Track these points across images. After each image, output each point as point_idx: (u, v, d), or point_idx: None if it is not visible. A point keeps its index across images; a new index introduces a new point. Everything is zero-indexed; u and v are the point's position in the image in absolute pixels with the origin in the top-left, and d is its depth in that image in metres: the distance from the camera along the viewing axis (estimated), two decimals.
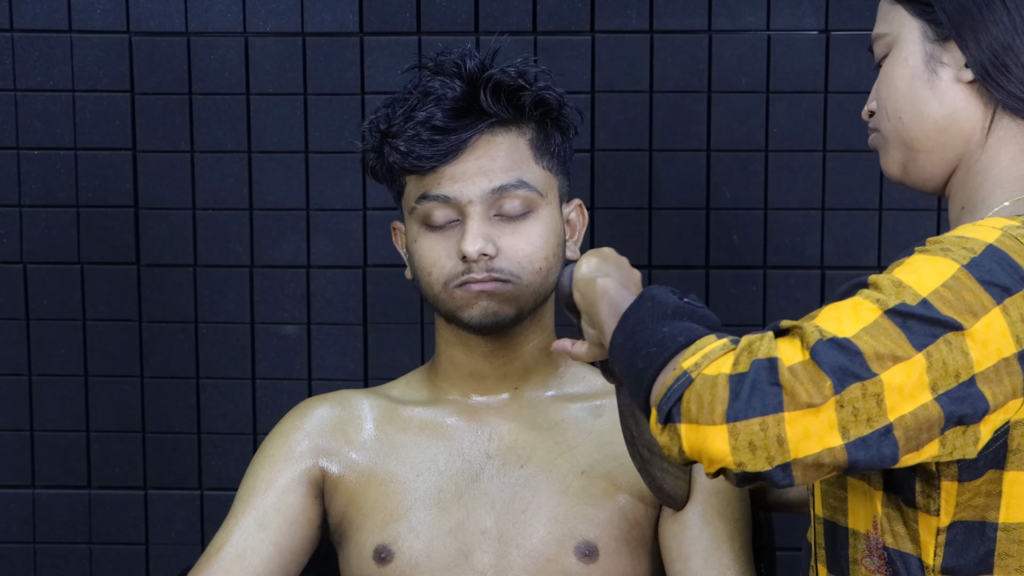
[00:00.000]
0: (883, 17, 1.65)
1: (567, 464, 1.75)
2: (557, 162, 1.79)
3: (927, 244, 1.50)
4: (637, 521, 1.74)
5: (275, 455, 1.79)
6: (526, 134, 1.75)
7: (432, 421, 1.79)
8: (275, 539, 1.75)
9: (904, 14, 1.62)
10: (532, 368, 1.80)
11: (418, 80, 1.76)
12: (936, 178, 1.65)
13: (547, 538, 1.71)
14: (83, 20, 2.96)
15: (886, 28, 1.64)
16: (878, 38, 1.65)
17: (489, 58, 1.76)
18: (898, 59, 1.61)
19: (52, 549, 3.11)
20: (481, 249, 1.69)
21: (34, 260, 3.02)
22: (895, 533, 1.55)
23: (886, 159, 1.68)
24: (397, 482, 1.75)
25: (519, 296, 1.72)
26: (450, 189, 1.69)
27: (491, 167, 1.70)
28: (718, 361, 1.40)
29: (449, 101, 1.70)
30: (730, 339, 1.46)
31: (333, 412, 1.82)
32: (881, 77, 1.64)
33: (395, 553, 1.72)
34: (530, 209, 1.72)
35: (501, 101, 1.72)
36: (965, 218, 1.62)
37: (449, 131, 1.69)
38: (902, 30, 1.61)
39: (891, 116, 1.63)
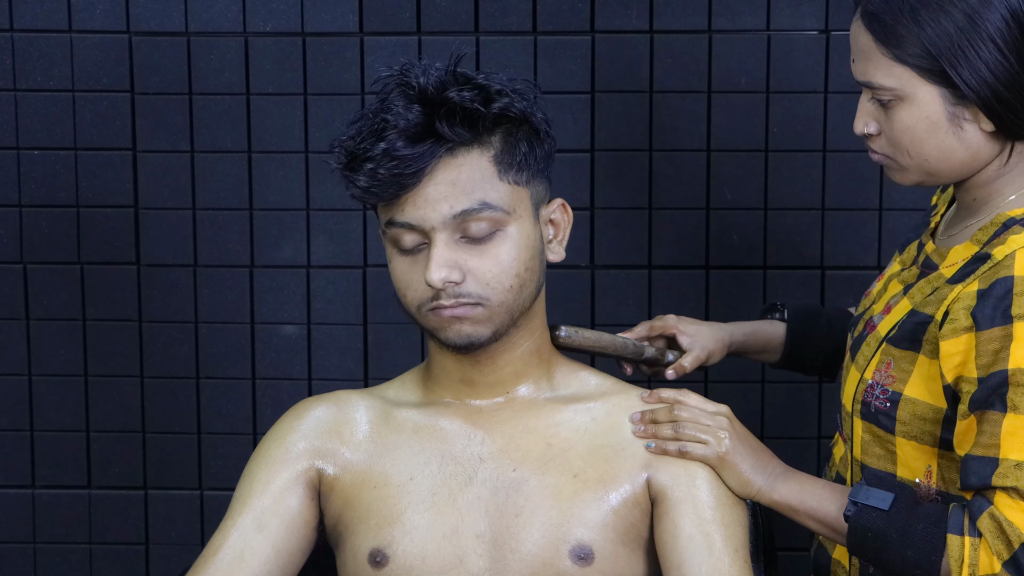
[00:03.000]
0: (884, 70, 1.79)
1: (559, 467, 1.74)
2: (527, 172, 1.73)
3: (1017, 300, 1.71)
4: (633, 523, 1.74)
5: (272, 456, 1.79)
6: (489, 151, 1.70)
7: (426, 424, 1.79)
8: (273, 540, 1.74)
9: (915, 77, 1.78)
10: (524, 372, 1.79)
11: (379, 103, 1.71)
12: (947, 183, 1.89)
13: (541, 542, 1.71)
14: (83, 20, 2.96)
15: (893, 83, 1.79)
16: (882, 89, 1.80)
17: (450, 73, 1.70)
18: (918, 116, 1.79)
19: (52, 549, 3.11)
20: (445, 278, 1.67)
21: (34, 260, 3.02)
22: (948, 480, 1.84)
23: (901, 177, 1.88)
24: (391, 485, 1.75)
25: (492, 316, 1.71)
26: (413, 216, 1.67)
27: (451, 192, 1.66)
28: (982, 562, 1.69)
29: (405, 129, 1.66)
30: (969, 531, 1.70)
31: (329, 413, 1.81)
32: (896, 124, 1.81)
33: (390, 557, 1.72)
34: (497, 228, 1.69)
35: (457, 126, 1.67)
36: (977, 207, 1.86)
37: (407, 160, 1.64)
38: (917, 91, 1.78)
39: (914, 156, 1.83)
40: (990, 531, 1.70)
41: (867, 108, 1.86)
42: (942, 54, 1.76)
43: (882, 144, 1.86)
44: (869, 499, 1.77)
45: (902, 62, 1.78)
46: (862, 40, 1.83)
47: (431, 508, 1.74)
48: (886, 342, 1.87)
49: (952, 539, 1.71)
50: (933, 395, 1.82)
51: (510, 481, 1.75)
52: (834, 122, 2.94)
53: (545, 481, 1.74)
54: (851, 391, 1.93)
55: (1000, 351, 1.71)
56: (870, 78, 1.82)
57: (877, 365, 1.88)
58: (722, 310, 3.00)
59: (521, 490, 1.74)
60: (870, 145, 1.88)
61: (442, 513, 1.73)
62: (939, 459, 1.85)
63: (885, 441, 1.89)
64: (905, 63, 1.78)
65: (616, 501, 1.74)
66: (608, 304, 2.98)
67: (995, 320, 1.72)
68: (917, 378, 1.83)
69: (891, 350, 1.86)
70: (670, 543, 1.72)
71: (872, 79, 1.81)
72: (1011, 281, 1.72)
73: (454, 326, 1.71)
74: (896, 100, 1.80)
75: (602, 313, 2.98)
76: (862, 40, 1.83)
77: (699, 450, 1.78)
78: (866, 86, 1.84)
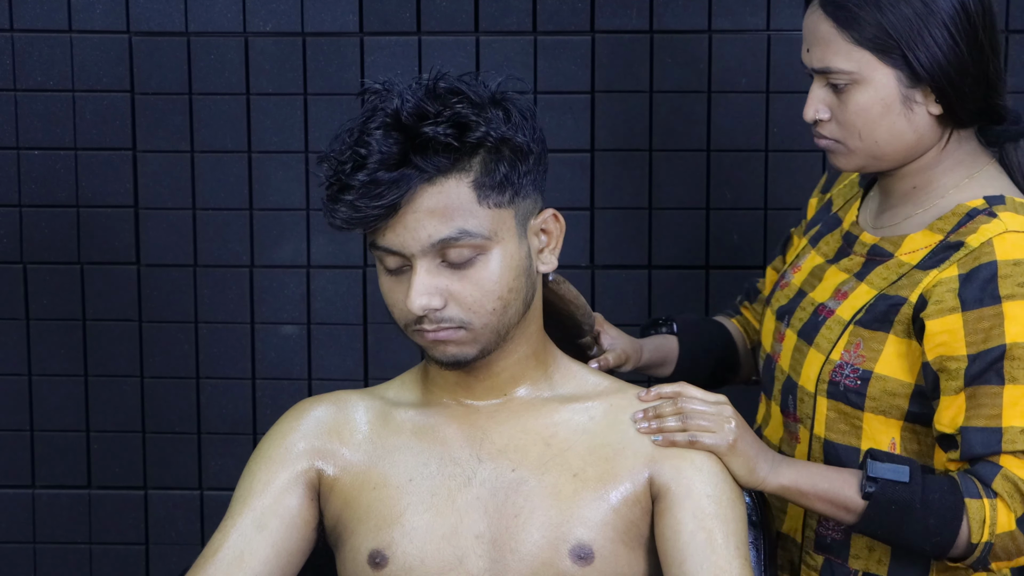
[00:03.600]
0: (844, 55, 1.92)
1: (559, 467, 1.74)
2: (510, 191, 1.70)
3: (1006, 279, 1.85)
4: (633, 522, 1.74)
5: (272, 456, 1.78)
6: (468, 175, 1.67)
7: (424, 425, 1.79)
8: (273, 541, 1.74)
9: (874, 60, 1.92)
10: (521, 375, 1.79)
11: (359, 125, 1.69)
12: (889, 169, 2.01)
13: (541, 542, 1.71)
14: (83, 20, 2.96)
15: (852, 67, 1.92)
16: (840, 72, 1.93)
17: (429, 93, 1.67)
18: (874, 97, 1.93)
19: (52, 549, 3.11)
20: (425, 306, 1.66)
21: (34, 260, 3.02)
22: (909, 451, 1.97)
23: (845, 162, 2.01)
24: (391, 486, 1.75)
25: (476, 338, 1.70)
26: (393, 242, 1.66)
27: (430, 220, 1.65)
28: (1000, 520, 1.82)
29: (382, 160, 1.64)
30: (985, 493, 1.83)
31: (329, 413, 1.81)
32: (851, 106, 1.94)
33: (389, 558, 1.72)
34: (479, 253, 1.68)
35: (434, 156, 1.65)
36: (916, 195, 2.02)
37: (384, 191, 1.63)
38: (874, 74, 1.92)
39: (865, 139, 1.96)
40: (1007, 491, 1.83)
41: (819, 95, 1.98)
42: (901, 37, 1.91)
43: (832, 129, 1.99)
44: (887, 474, 1.84)
45: (862, 45, 1.92)
46: (822, 28, 1.95)
47: (430, 509, 1.74)
48: (854, 324, 1.98)
49: (971, 503, 1.83)
50: (903, 371, 1.94)
51: (509, 481, 1.75)
52: None
53: (544, 481, 1.74)
54: (813, 373, 2.02)
55: (992, 329, 1.85)
56: (828, 63, 1.94)
57: (845, 346, 1.98)
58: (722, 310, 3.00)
59: (520, 490, 1.74)
60: (819, 131, 2.01)
61: (441, 514, 1.73)
62: (902, 431, 1.98)
63: (852, 417, 2.00)
64: (865, 46, 1.92)
65: (616, 500, 1.74)
66: (608, 304, 2.98)
67: (983, 301, 1.85)
68: (887, 356, 1.95)
69: (860, 331, 1.97)
70: (671, 540, 1.72)
71: (831, 64, 1.94)
72: (995, 266, 1.86)
73: (439, 347, 1.72)
74: (853, 84, 1.94)
75: (602, 313, 2.97)
76: (822, 28, 1.95)
77: (708, 439, 1.79)
78: (823, 72, 1.96)
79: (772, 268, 2.31)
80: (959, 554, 1.87)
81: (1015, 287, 1.85)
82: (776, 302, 2.16)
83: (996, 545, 1.85)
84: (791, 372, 2.07)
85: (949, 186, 2.00)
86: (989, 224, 1.91)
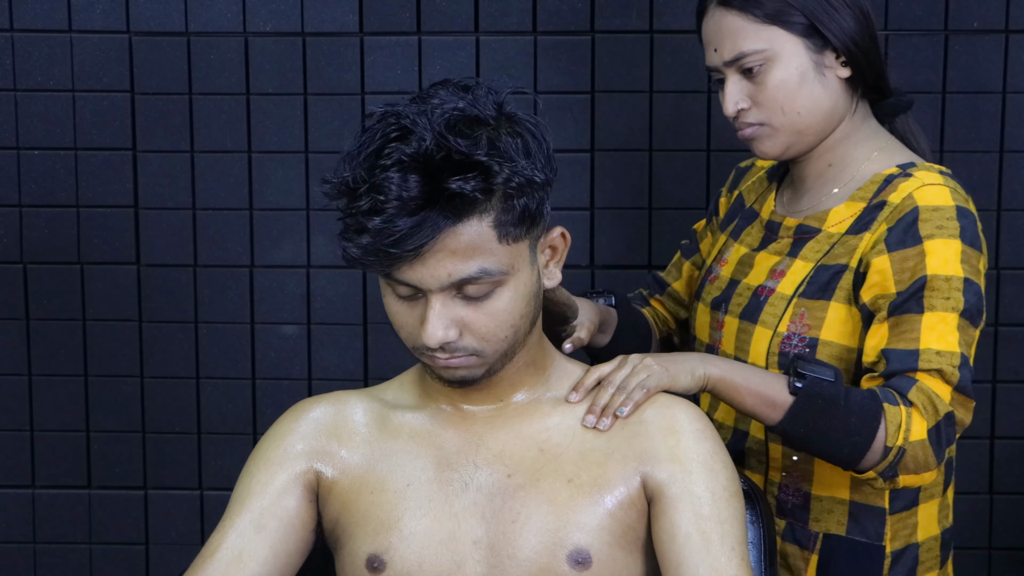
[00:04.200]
0: (753, 36, 2.04)
1: (553, 473, 1.74)
2: (527, 222, 1.68)
3: (925, 223, 1.99)
4: (630, 525, 1.73)
5: (270, 457, 1.78)
6: (489, 215, 1.64)
7: (421, 429, 1.78)
8: (271, 542, 1.74)
9: (783, 33, 2.04)
10: (519, 381, 1.78)
11: (372, 157, 1.61)
12: (807, 150, 2.12)
13: (539, 547, 1.70)
14: (83, 20, 2.96)
15: (763, 45, 2.04)
16: (753, 53, 2.04)
17: (449, 130, 1.61)
18: (788, 69, 2.05)
19: (52, 549, 3.12)
20: (441, 340, 1.65)
21: (34, 260, 3.02)
22: None
23: (771, 144, 2.10)
24: (389, 491, 1.74)
25: (486, 362, 1.70)
26: (411, 277, 1.63)
27: (450, 260, 1.62)
28: (914, 428, 1.94)
29: (401, 206, 1.59)
30: (902, 402, 1.95)
31: (328, 415, 1.81)
32: (770, 83, 2.04)
33: (387, 563, 1.71)
34: (496, 287, 1.67)
35: (456, 205, 1.61)
36: (831, 173, 2.14)
37: (406, 237, 1.59)
38: (784, 46, 2.04)
39: (788, 112, 2.06)
40: (921, 402, 1.95)
41: (735, 88, 2.08)
42: (806, 6, 2.04)
43: (754, 114, 2.09)
44: (815, 372, 1.96)
45: (768, 22, 2.04)
46: (726, 21, 2.06)
47: (428, 514, 1.73)
48: (798, 297, 2.08)
49: (889, 408, 1.94)
50: (846, 336, 2.06)
51: (505, 487, 1.74)
52: None
53: (540, 487, 1.74)
54: (763, 348, 2.10)
55: (915, 266, 1.99)
56: (740, 49, 2.05)
57: (791, 318, 2.08)
58: None
59: (517, 496, 1.73)
60: (742, 121, 2.10)
61: (439, 519, 1.73)
62: None
63: None
64: (771, 22, 2.04)
65: (611, 504, 1.73)
66: None
67: (906, 243, 2.00)
68: (831, 322, 2.06)
69: (804, 302, 2.07)
70: (667, 542, 1.71)
71: (743, 48, 2.05)
72: (916, 211, 2.01)
73: (448, 370, 1.71)
74: (766, 62, 2.05)
75: None
76: (726, 21, 2.06)
77: (651, 382, 1.82)
78: (735, 61, 2.06)
79: (691, 264, 2.40)
80: (873, 460, 1.95)
81: (934, 228, 1.99)
82: (708, 295, 2.24)
83: (907, 453, 1.94)
84: (738, 353, 2.14)
85: (861, 159, 2.13)
86: (907, 182, 2.05)
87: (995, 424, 3.02)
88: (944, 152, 2.92)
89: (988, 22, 2.90)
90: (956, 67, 2.91)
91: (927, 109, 2.92)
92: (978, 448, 3.03)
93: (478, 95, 1.68)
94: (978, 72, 2.91)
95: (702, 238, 2.41)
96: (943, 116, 2.92)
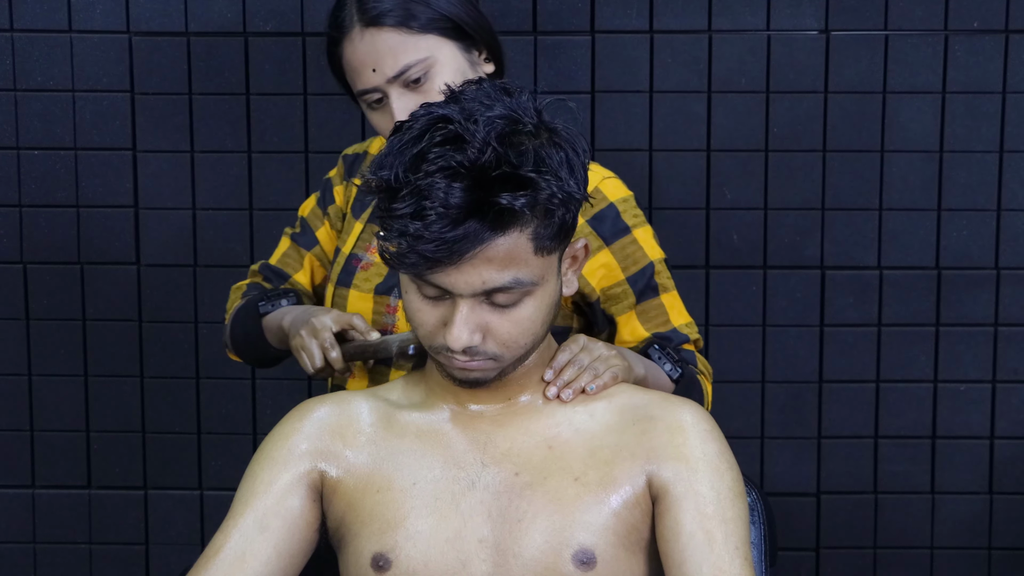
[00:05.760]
0: (412, 47, 2.07)
1: (560, 472, 1.74)
2: (561, 235, 1.68)
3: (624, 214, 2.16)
4: (634, 525, 1.73)
5: (274, 457, 1.78)
6: (528, 227, 1.63)
7: (428, 428, 1.78)
8: (274, 541, 1.74)
9: (438, 39, 2.09)
10: (527, 381, 1.79)
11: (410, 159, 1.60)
12: None
13: (544, 547, 1.70)
14: (83, 20, 2.96)
15: (423, 54, 2.08)
16: (417, 63, 2.07)
17: (500, 142, 1.60)
18: (448, 71, 2.09)
19: (52, 549, 3.11)
20: (466, 344, 1.65)
21: (34, 260, 3.02)
22: None
23: None
24: (394, 489, 1.74)
25: (501, 365, 1.71)
26: (444, 281, 1.63)
27: (486, 268, 1.61)
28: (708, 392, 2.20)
29: (446, 213, 1.58)
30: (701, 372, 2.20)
31: (332, 414, 1.80)
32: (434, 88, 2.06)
33: (393, 562, 1.71)
34: (523, 296, 1.68)
35: (502, 217, 1.61)
36: None
37: (450, 247, 1.58)
38: (442, 50, 2.09)
39: None
40: (706, 368, 2.20)
41: (398, 105, 2.08)
42: (452, 11, 2.10)
43: None
44: (682, 356, 2.16)
45: (425, 31, 2.08)
46: (382, 39, 2.08)
47: (434, 513, 1.73)
48: None
49: (702, 378, 2.17)
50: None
51: (512, 486, 1.74)
52: (834, 122, 2.94)
53: (547, 486, 1.74)
54: None
55: (635, 252, 2.15)
56: (403, 62, 2.07)
57: None
58: (722, 310, 3.00)
59: (523, 495, 1.73)
60: None
61: (445, 518, 1.73)
62: None
63: None
64: (428, 30, 2.08)
65: (617, 503, 1.73)
66: None
67: (619, 234, 2.14)
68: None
69: None
70: (671, 541, 1.71)
71: (407, 61, 2.07)
72: (612, 206, 2.15)
73: (463, 372, 1.71)
74: (429, 69, 2.08)
75: None
76: (382, 39, 2.08)
77: (619, 369, 1.87)
78: (400, 75, 2.07)
79: (313, 255, 2.33)
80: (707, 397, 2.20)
81: (632, 217, 2.16)
82: (365, 283, 2.20)
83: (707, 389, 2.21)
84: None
85: None
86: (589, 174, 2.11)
87: (995, 424, 3.02)
88: (944, 152, 2.93)
89: (988, 22, 2.90)
90: (956, 67, 2.92)
91: (927, 109, 2.92)
92: (978, 448, 3.03)
93: (520, 100, 1.68)
94: (978, 72, 2.92)
95: (316, 227, 2.33)
96: (943, 116, 2.93)
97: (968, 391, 3.02)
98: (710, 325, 3.01)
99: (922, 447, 3.04)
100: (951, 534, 3.06)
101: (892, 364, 3.02)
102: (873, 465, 3.05)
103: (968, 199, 2.95)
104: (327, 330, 2.06)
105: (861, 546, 3.07)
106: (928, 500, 3.05)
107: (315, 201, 2.35)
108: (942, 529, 3.06)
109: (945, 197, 2.95)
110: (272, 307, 2.25)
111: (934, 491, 3.05)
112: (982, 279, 2.98)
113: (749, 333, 3.01)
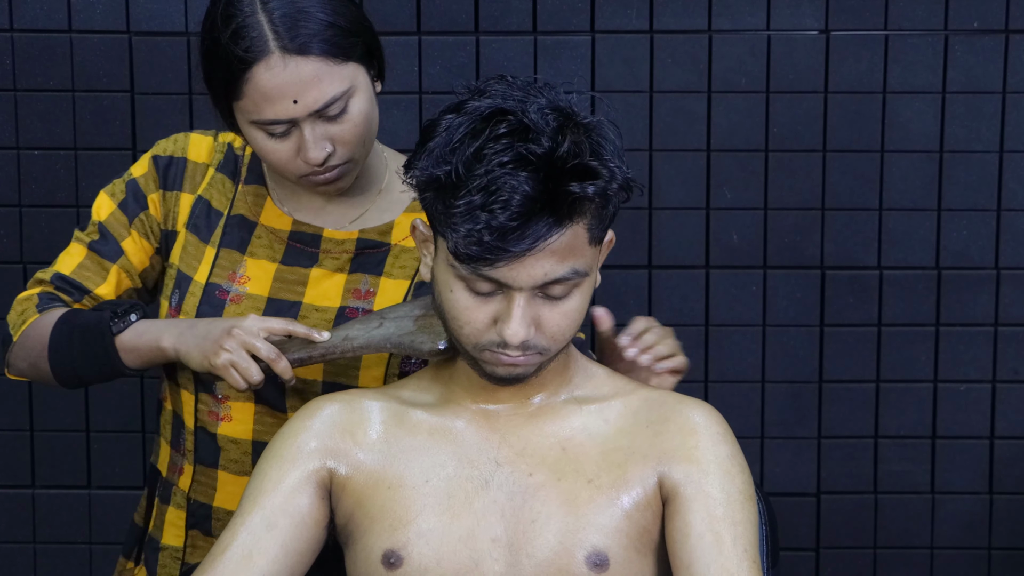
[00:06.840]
0: (337, 78, 1.89)
1: (574, 473, 1.73)
2: (608, 224, 1.69)
3: None
4: (646, 527, 1.73)
5: (283, 455, 1.77)
6: (586, 218, 1.64)
7: (441, 426, 1.77)
8: (282, 540, 1.73)
9: (354, 66, 1.91)
10: (546, 382, 1.78)
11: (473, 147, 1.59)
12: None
13: (557, 548, 1.70)
14: (83, 20, 2.96)
15: (346, 84, 1.90)
16: (340, 96, 1.90)
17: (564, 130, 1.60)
18: (366, 97, 1.94)
19: (52, 549, 3.11)
20: (524, 338, 1.65)
21: (34, 260, 3.02)
22: None
23: (349, 179, 1.99)
24: (406, 487, 1.74)
25: (545, 360, 1.71)
26: (505, 276, 1.61)
27: (548, 260, 1.61)
28: None
29: (519, 204, 1.57)
30: None
31: (342, 412, 1.80)
32: (355, 117, 1.92)
33: (404, 559, 1.71)
34: (574, 288, 1.67)
35: (570, 209, 1.61)
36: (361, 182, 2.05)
37: (517, 237, 1.58)
38: (357, 78, 1.92)
39: (367, 141, 1.97)
40: None
41: (312, 137, 1.91)
42: (363, 33, 1.94)
43: (340, 154, 1.94)
44: None
45: (347, 58, 1.91)
46: (307, 69, 1.89)
47: (447, 511, 1.73)
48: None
49: None
50: None
51: (526, 486, 1.74)
52: (834, 122, 2.95)
53: (561, 487, 1.73)
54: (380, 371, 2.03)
55: None
56: (329, 95, 1.90)
57: None
58: (722, 310, 3.00)
59: (537, 495, 1.73)
60: (326, 165, 1.94)
61: (458, 516, 1.72)
62: None
63: None
64: (349, 57, 1.91)
65: (629, 505, 1.73)
66: (608, 304, 2.95)
67: None
68: None
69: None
70: (680, 542, 1.71)
71: (333, 93, 1.90)
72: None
73: (506, 368, 1.70)
74: (347, 101, 1.92)
75: None
76: (307, 69, 1.89)
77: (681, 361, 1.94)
78: (323, 110, 1.90)
79: (120, 268, 2.10)
80: None
81: None
82: None
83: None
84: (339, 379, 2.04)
85: (380, 167, 2.08)
86: None
87: (995, 424, 3.03)
88: (944, 152, 2.93)
89: (988, 22, 2.91)
90: (956, 67, 2.92)
91: (927, 109, 2.93)
92: (978, 448, 3.04)
93: (558, 93, 1.68)
94: (978, 72, 2.92)
95: (121, 236, 2.11)
96: (943, 116, 2.93)
97: (968, 391, 3.02)
98: (710, 325, 3.01)
99: (922, 447, 3.04)
100: (951, 534, 3.07)
101: (892, 364, 3.02)
102: (873, 465, 3.05)
103: (968, 199, 2.95)
104: (259, 339, 1.90)
105: (861, 546, 3.07)
106: (928, 500, 3.06)
107: (115, 205, 2.13)
108: (942, 529, 3.06)
109: (945, 197, 2.95)
110: (124, 325, 2.01)
111: (934, 491, 3.06)
112: (982, 279, 2.98)
113: (749, 333, 3.01)
